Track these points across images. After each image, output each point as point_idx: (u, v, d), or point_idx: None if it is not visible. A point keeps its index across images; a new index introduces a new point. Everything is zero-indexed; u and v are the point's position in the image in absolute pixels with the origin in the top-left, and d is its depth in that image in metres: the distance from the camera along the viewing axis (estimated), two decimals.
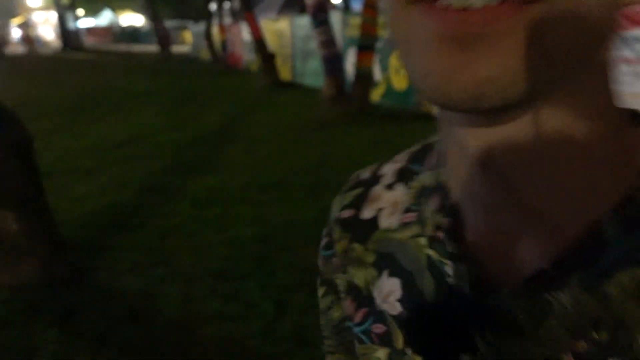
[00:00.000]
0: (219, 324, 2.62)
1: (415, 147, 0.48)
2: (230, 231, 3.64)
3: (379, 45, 7.54)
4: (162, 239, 3.63)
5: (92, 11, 41.20)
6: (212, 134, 7.13)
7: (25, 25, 38.78)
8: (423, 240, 0.41)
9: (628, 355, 0.29)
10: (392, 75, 8.13)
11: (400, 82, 7.94)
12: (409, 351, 0.41)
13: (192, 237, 3.64)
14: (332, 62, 8.13)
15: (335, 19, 9.85)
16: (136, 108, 9.48)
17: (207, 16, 19.84)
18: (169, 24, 28.18)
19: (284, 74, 12.44)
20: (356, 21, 8.45)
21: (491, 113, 0.27)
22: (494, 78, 0.25)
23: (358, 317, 0.46)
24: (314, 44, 9.53)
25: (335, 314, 0.52)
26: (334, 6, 20.70)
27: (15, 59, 24.04)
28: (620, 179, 0.32)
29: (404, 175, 0.47)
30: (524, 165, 0.31)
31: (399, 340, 0.42)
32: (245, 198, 4.38)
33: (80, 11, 35.91)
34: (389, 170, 0.48)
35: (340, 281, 0.50)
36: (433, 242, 0.40)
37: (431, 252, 0.40)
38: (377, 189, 0.48)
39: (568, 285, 0.31)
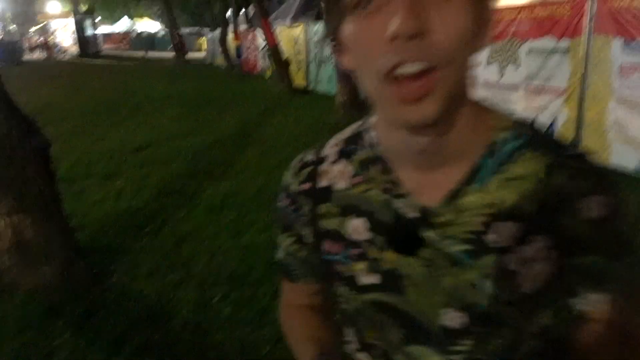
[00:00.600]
0: (232, 328, 2.64)
1: (344, 135, 0.75)
2: (244, 236, 3.68)
3: None
4: (177, 244, 3.68)
5: (110, 18, 41.83)
6: (227, 139, 7.20)
7: (44, 32, 39.47)
8: (376, 191, 0.68)
9: (509, 217, 0.62)
10: None
11: None
12: (382, 256, 0.68)
13: (207, 242, 3.68)
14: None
15: None
16: (153, 113, 9.61)
17: (223, 23, 20.03)
18: (185, 30, 28.52)
19: (299, 80, 12.49)
20: None
21: (428, 126, 0.57)
22: (430, 114, 0.55)
23: (338, 249, 0.72)
24: (328, 51, 9.56)
25: (302, 253, 0.79)
26: None
27: (35, 65, 24.45)
28: (484, 136, 0.64)
29: (344, 154, 0.73)
30: (443, 145, 0.62)
31: (374, 253, 0.68)
32: (259, 203, 4.41)
33: (98, 18, 36.41)
34: (330, 152, 0.75)
35: (307, 232, 0.76)
36: (385, 191, 0.68)
37: (386, 196, 0.67)
38: (325, 166, 0.74)
39: (470, 191, 0.63)
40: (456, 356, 0.67)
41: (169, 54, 28.71)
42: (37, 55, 34.72)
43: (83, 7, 31.33)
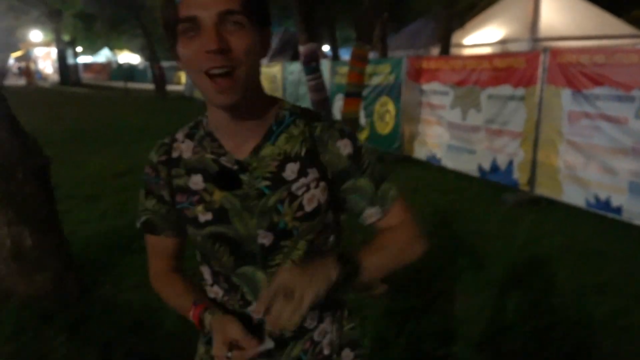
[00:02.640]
0: None
1: (190, 124, 1.08)
2: None
3: (364, 93, 7.98)
4: None
5: (91, 49, 41.95)
6: None
7: (25, 59, 39.28)
8: (207, 155, 1.01)
9: (292, 159, 1.00)
10: (376, 120, 8.59)
11: (383, 128, 8.38)
12: (213, 198, 1.00)
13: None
14: (321, 105, 8.57)
15: (324, 67, 10.36)
16: (133, 142, 9.79)
17: None
18: (165, 64, 28.74)
19: None
20: (343, 69, 8.93)
21: (234, 107, 0.92)
22: (233, 99, 0.89)
23: (185, 198, 1.03)
24: (303, 89, 10.02)
25: (163, 210, 1.08)
26: (325, 55, 21.40)
27: (14, 91, 24.26)
28: (273, 113, 1.02)
29: (188, 136, 1.06)
30: (245, 118, 0.98)
31: (208, 197, 1.00)
32: None
33: (79, 48, 36.45)
34: (180, 135, 1.07)
35: (165, 192, 1.06)
36: (213, 153, 1.01)
37: (214, 157, 1.01)
38: (176, 144, 1.06)
39: (266, 146, 1.00)
40: (272, 269, 1.00)
41: (148, 86, 28.90)
42: (17, 81, 34.36)
43: (65, 37, 31.43)
